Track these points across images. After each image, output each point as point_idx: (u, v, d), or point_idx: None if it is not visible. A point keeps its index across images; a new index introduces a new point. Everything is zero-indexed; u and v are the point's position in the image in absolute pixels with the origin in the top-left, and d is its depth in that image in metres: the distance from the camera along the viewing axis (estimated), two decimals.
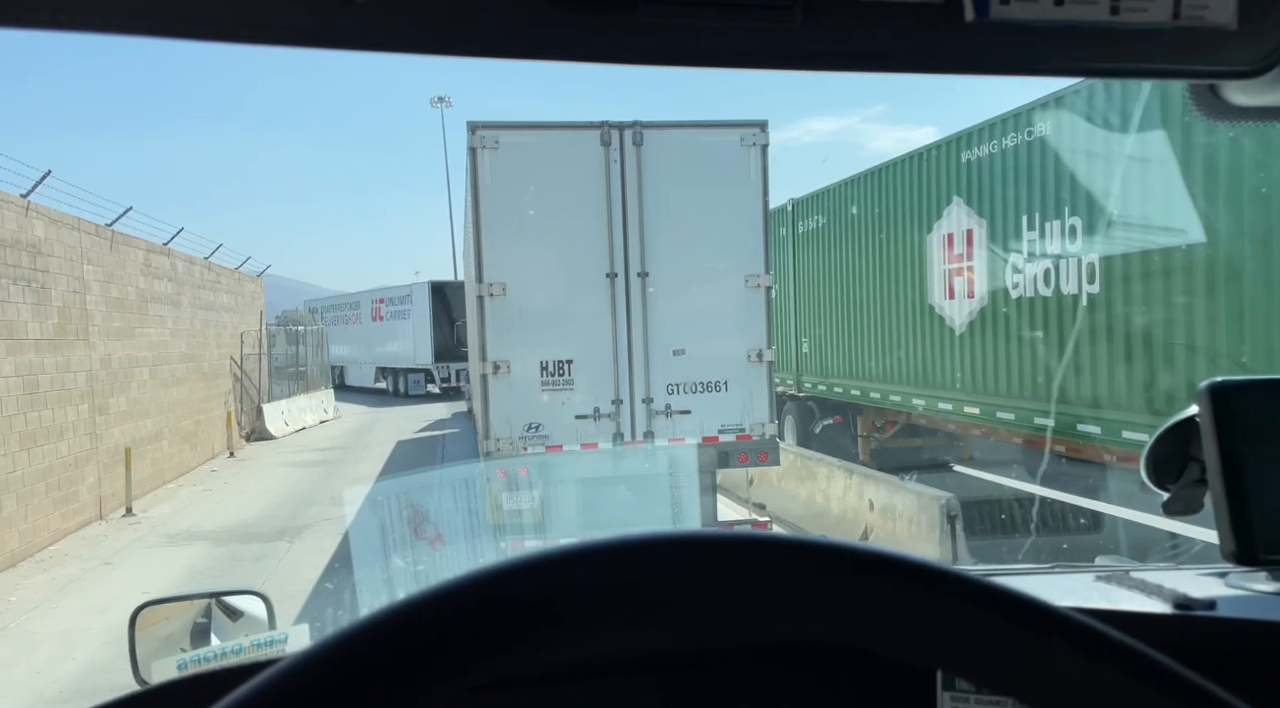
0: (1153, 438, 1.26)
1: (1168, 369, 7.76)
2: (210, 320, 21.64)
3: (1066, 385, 8.86)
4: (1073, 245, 8.80)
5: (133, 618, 1.73)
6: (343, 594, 8.08)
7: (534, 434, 9.03)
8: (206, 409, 20.59)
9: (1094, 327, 8.55)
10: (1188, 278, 7.49)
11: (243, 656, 1.48)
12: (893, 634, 0.53)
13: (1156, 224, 7.79)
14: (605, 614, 0.51)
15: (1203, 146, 7.21)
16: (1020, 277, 9.61)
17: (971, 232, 10.48)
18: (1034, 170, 9.30)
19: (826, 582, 0.52)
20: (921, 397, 11.88)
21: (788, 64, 0.65)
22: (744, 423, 9.17)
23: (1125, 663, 0.49)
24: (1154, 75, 0.72)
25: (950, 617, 0.51)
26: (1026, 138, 9.41)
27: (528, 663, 0.51)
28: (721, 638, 1.04)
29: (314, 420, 27.21)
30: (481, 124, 8.88)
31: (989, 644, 0.51)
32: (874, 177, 13.01)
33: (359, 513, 10.26)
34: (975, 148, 10.30)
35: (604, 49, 0.62)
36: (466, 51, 0.61)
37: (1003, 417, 10.01)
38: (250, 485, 16.61)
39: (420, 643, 0.49)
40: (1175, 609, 1.11)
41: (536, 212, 8.95)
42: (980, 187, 10.22)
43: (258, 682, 0.47)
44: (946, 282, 11.05)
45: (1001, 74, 0.68)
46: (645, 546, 0.52)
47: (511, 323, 8.93)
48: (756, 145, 9.07)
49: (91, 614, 9.03)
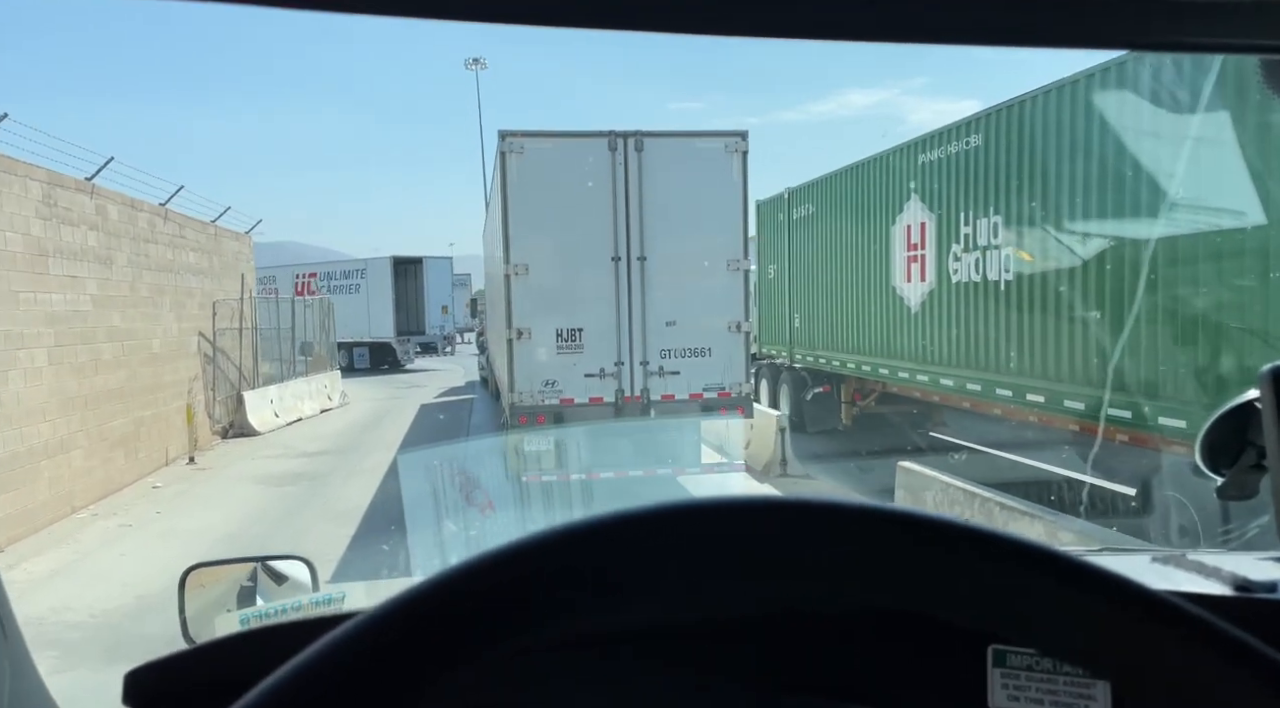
0: (1209, 422, 1.28)
1: (1059, 339, 9.52)
2: (166, 285, 16.70)
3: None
4: (995, 239, 10.61)
5: (182, 580, 1.77)
6: (397, 557, 8.03)
7: (550, 389, 11.00)
8: (157, 402, 15.67)
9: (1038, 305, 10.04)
10: (1085, 268, 9.22)
11: (302, 612, 1.51)
12: (989, 610, 0.53)
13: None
14: (689, 584, 0.52)
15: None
16: (959, 264, 11.42)
17: (925, 225, 12.29)
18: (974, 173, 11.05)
19: (932, 557, 0.53)
20: (886, 366, 13.71)
21: (846, 34, 0.59)
22: (724, 382, 11.13)
23: (1222, 648, 0.50)
24: (1227, 49, 0.67)
25: (1053, 596, 0.52)
26: (966, 147, 11.18)
27: (591, 627, 0.52)
28: (810, 602, 0.93)
29: (313, 409, 22.71)
30: (510, 132, 10.83)
31: (1088, 625, 0.52)
32: (852, 172, 14.79)
33: (412, 478, 10.08)
34: (929, 151, 12.09)
35: (634, 15, 0.56)
36: (505, 18, 0.55)
37: (944, 383, 11.85)
38: (186, 520, 11.73)
39: (496, 599, 0.50)
40: (1235, 591, 1.10)
41: (554, 205, 10.86)
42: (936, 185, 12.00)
43: (345, 629, 0.49)
44: (905, 266, 12.88)
45: (1073, 47, 0.63)
46: (737, 509, 0.52)
47: (532, 297, 10.88)
48: (738, 152, 10.97)
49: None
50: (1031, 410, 9.98)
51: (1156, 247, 8.04)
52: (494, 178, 12.22)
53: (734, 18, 0.57)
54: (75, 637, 7.41)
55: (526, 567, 0.52)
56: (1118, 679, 0.56)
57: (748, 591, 0.54)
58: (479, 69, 44.16)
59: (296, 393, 22.42)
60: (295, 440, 18.48)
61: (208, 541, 9.97)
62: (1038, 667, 0.97)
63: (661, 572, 0.52)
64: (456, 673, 0.50)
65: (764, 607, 1.00)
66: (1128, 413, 8.28)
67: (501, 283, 11.32)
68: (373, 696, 0.48)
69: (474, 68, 44.22)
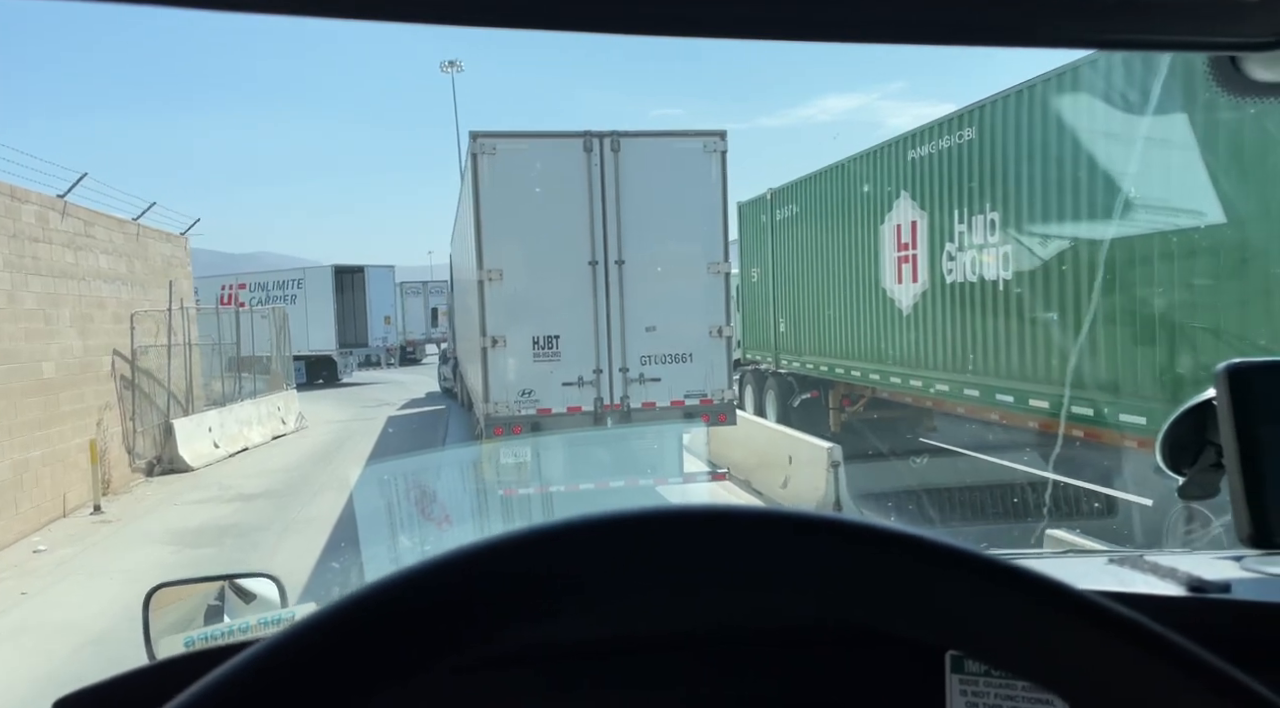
0: (1169, 422, 1.27)
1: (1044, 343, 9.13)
2: (65, 294, 13.89)
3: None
4: (993, 236, 10.20)
5: (147, 599, 1.71)
6: (349, 574, 7.79)
7: (527, 399, 10.54)
8: (50, 439, 12.93)
9: None
10: (1075, 270, 8.85)
11: (249, 634, 1.47)
12: (908, 613, 0.52)
13: None
14: (615, 590, 0.51)
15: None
16: (953, 264, 11.01)
17: (916, 223, 11.88)
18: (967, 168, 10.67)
19: (842, 559, 0.51)
20: (877, 371, 13.30)
21: (803, 35, 0.61)
22: (706, 389, 10.70)
23: (1143, 644, 0.49)
24: (1172, 47, 0.68)
25: (971, 597, 0.51)
26: (958, 140, 10.79)
27: (525, 640, 0.50)
28: (726, 617, 1.02)
29: (263, 436, 19.67)
30: (482, 133, 10.38)
31: (1008, 626, 0.51)
32: (838, 171, 14.39)
33: (364, 493, 9.65)
34: (919, 147, 11.69)
35: (612, 18, 0.58)
36: (475, 21, 0.57)
37: (939, 389, 11.44)
38: (49, 610, 9.05)
39: (405, 622, 0.48)
40: (1189, 592, 1.10)
41: (529, 208, 10.42)
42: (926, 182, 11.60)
43: (237, 660, 0.47)
44: (896, 267, 12.47)
45: (1020, 46, 0.64)
46: (652, 520, 0.51)
47: (507, 303, 10.43)
48: (717, 152, 10.55)
49: None
50: (1035, 416, 9.54)
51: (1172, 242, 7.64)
52: (465, 180, 11.75)
53: (705, 20, 0.59)
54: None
55: (443, 583, 0.49)
56: (1040, 681, 0.53)
57: (673, 603, 0.58)
58: (455, 72, 43.77)
59: (243, 418, 19.44)
60: (234, 477, 15.73)
61: (63, 651, 7.43)
62: (995, 673, 0.98)
63: (582, 584, 0.50)
64: (373, 698, 0.47)
65: (693, 620, 1.02)
66: (1142, 419, 7.86)
67: (474, 289, 10.86)
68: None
69: (449, 70, 43.82)
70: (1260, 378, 1.15)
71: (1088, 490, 8.40)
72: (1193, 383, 7.04)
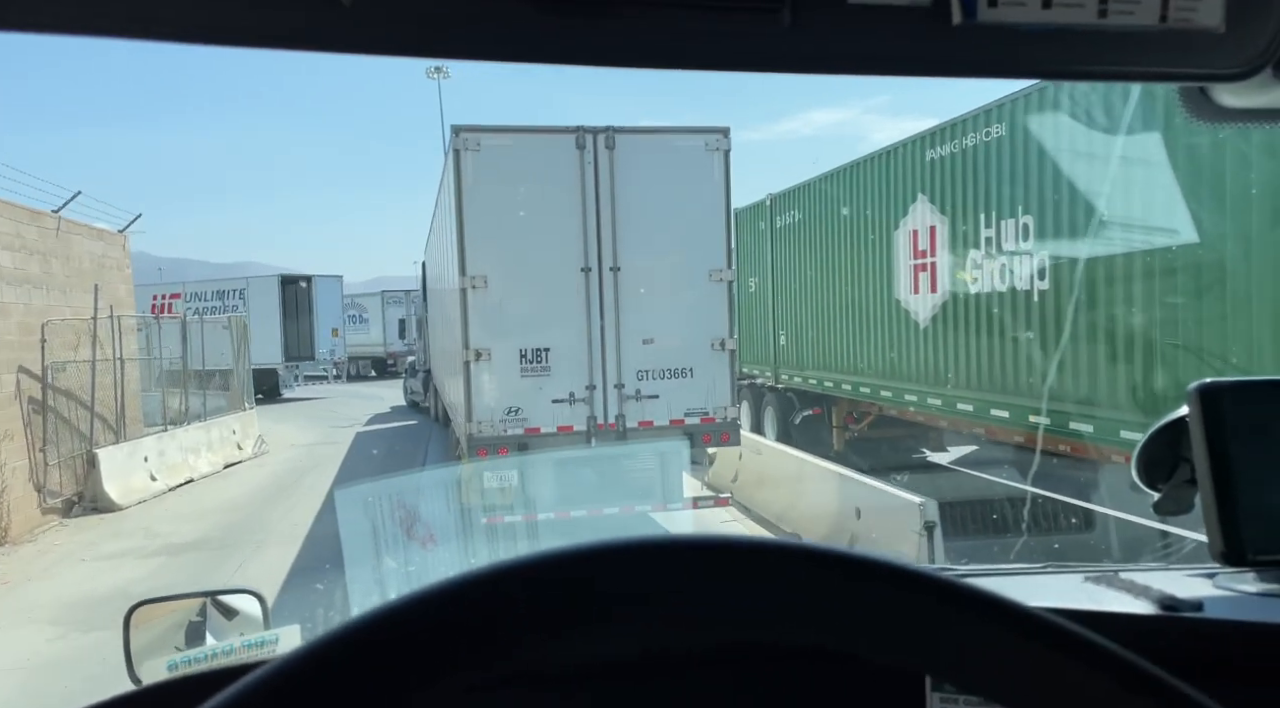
0: (1143, 438, 1.27)
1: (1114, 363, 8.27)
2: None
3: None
4: (1025, 243, 9.33)
5: (127, 617, 1.68)
6: (334, 595, 7.55)
7: (513, 417, 9.60)
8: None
9: None
10: (1126, 282, 8.01)
11: (233, 657, 1.47)
12: (866, 637, 0.52)
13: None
14: (593, 615, 0.51)
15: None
16: (979, 272, 10.14)
17: (935, 229, 11.02)
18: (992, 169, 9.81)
19: (804, 584, 0.51)
20: (889, 388, 12.41)
21: (775, 66, 0.64)
22: (708, 407, 9.77)
23: (1100, 665, 0.49)
24: (1142, 78, 0.71)
25: (926, 619, 0.51)
26: (984, 138, 9.93)
27: (519, 665, 0.50)
28: (701, 641, 1.01)
29: (213, 465, 16.99)
30: (465, 128, 9.44)
31: (965, 647, 0.50)
32: (845, 174, 13.52)
33: (350, 514, 8.62)
34: (939, 147, 10.83)
35: (591, 52, 0.62)
36: (454, 54, 0.62)
37: (962, 408, 10.56)
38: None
39: (404, 646, 0.48)
40: (1161, 610, 1.10)
41: (516, 210, 9.49)
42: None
43: (242, 684, 0.47)
44: (911, 276, 11.59)
45: (990, 77, 0.67)
46: (622, 550, 0.51)
47: (492, 313, 9.49)
48: (720, 150, 9.65)
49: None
50: (1070, 440, 8.65)
51: None
52: (446, 180, 10.80)
53: (665, 51, 0.64)
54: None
55: (454, 606, 0.50)
56: (1002, 701, 0.52)
57: (612, 639, 0.52)
58: (441, 78, 43.07)
59: (189, 444, 16.65)
60: (165, 520, 12.85)
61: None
62: (966, 691, 0.98)
63: (559, 611, 0.51)
64: None
65: (653, 646, 0.99)
66: None
67: (455, 298, 9.92)
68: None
69: (435, 77, 43.21)
70: (1230, 397, 1.17)
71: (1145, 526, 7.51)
72: None
